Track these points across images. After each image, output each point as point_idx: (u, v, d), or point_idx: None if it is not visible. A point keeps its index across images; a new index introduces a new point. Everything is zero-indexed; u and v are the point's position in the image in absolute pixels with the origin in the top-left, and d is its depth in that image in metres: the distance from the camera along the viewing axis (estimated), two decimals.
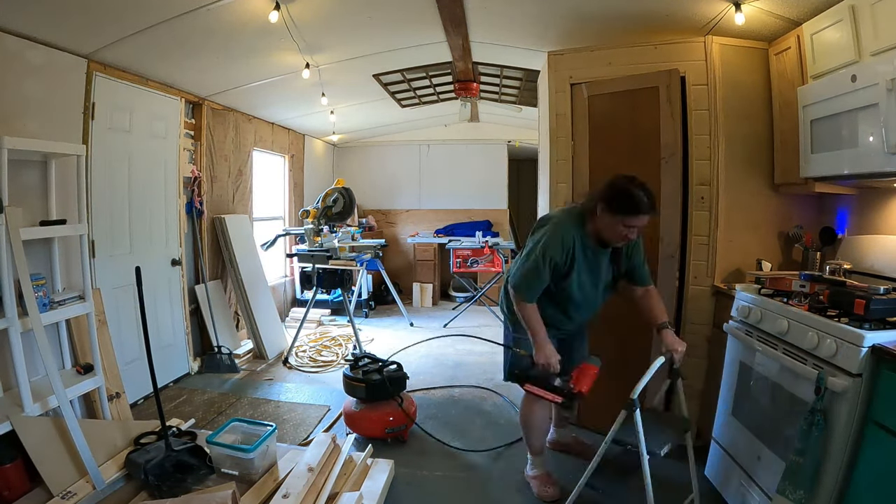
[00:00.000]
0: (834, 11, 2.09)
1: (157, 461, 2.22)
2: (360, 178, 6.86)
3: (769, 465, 1.89)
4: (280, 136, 5.48)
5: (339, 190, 4.57)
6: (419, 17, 3.02)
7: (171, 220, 3.66)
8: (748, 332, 2.14)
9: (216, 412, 3.19)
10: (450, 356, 4.36)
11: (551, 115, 2.98)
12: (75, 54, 2.74)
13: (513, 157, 7.14)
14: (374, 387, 2.79)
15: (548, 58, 3.00)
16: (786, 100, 2.46)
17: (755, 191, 2.64)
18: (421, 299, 6.33)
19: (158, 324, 3.49)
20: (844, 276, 2.10)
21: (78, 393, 2.49)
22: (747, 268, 2.61)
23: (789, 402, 1.85)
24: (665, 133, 2.60)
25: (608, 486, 2.28)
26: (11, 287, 2.15)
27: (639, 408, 1.81)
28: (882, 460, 1.51)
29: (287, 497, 2.02)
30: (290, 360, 4.21)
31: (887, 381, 1.51)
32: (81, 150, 2.56)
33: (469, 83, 4.51)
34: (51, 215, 2.56)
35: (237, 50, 3.22)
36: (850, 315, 1.69)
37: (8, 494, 2.07)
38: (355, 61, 3.75)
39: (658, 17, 2.66)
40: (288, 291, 5.80)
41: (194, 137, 3.99)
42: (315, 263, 4.39)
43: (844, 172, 2.05)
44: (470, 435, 2.91)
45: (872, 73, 1.81)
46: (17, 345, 2.16)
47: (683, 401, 2.05)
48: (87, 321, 2.58)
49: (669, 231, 2.61)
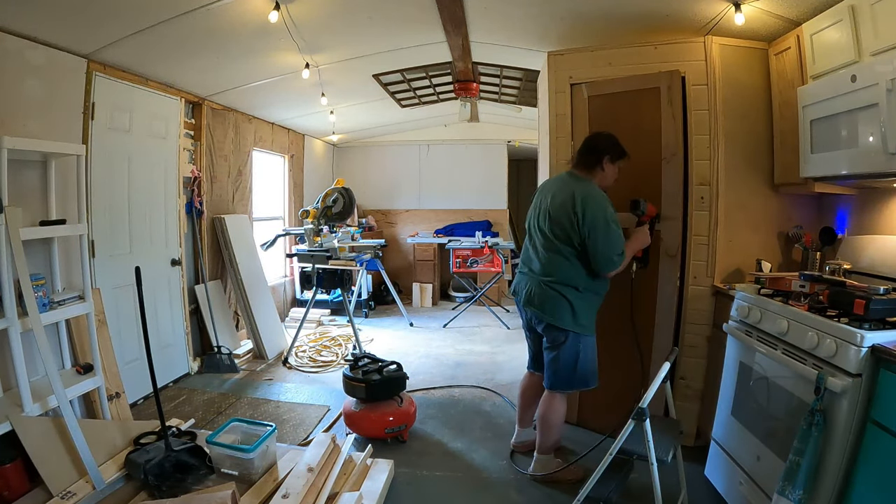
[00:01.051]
0: (834, 11, 2.09)
1: (157, 461, 2.22)
2: (360, 178, 6.86)
3: (769, 465, 1.89)
4: (280, 136, 5.48)
5: (339, 190, 4.57)
6: (419, 17, 3.03)
7: (170, 220, 3.66)
8: (748, 332, 2.14)
9: (216, 412, 3.19)
10: (450, 356, 4.36)
11: (551, 115, 2.98)
12: (75, 54, 2.74)
13: (513, 157, 7.15)
14: (373, 387, 2.80)
15: (548, 58, 3.00)
16: (786, 100, 2.46)
17: (755, 191, 2.64)
18: (421, 299, 6.33)
19: (158, 324, 3.49)
20: (844, 276, 2.10)
21: (78, 393, 2.49)
22: (747, 268, 2.61)
23: (789, 402, 1.85)
24: (666, 133, 2.60)
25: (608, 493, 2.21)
26: (11, 287, 2.15)
27: (648, 417, 1.75)
28: (882, 460, 1.51)
29: (287, 497, 2.02)
30: (290, 360, 4.21)
31: (887, 381, 1.51)
32: (81, 150, 2.56)
33: (469, 83, 4.51)
34: (51, 215, 2.56)
35: (237, 50, 3.22)
36: (850, 315, 1.69)
37: (8, 494, 2.07)
38: (355, 61, 3.75)
39: (658, 17, 2.67)
40: (288, 291, 5.80)
41: (194, 137, 3.99)
42: (315, 263, 4.39)
43: (844, 172, 2.05)
44: (470, 435, 2.91)
45: (872, 73, 1.82)
46: (17, 345, 2.16)
47: (672, 403, 2.10)
48: (86, 321, 2.58)
49: (670, 231, 2.61)
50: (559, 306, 2.26)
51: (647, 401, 1.76)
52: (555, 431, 2.42)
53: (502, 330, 5.19)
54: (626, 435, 1.79)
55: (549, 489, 2.37)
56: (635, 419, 1.76)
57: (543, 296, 2.30)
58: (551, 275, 2.29)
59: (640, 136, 2.68)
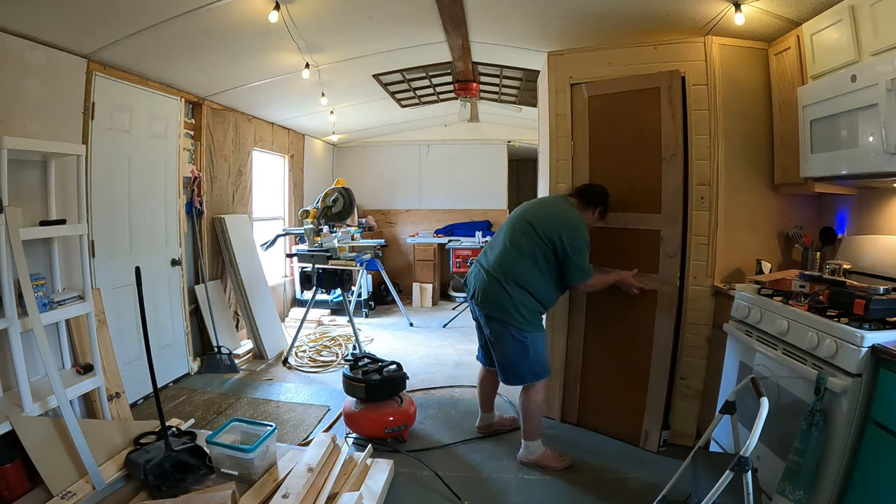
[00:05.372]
0: (834, 11, 2.09)
1: (157, 461, 2.21)
2: (359, 178, 6.86)
3: (769, 465, 1.89)
4: (280, 136, 5.48)
5: (339, 190, 4.57)
6: (419, 17, 3.02)
7: (170, 220, 3.66)
8: (748, 332, 2.14)
9: (216, 412, 3.19)
10: (450, 356, 4.36)
11: (551, 115, 2.98)
12: (75, 54, 2.74)
13: (513, 157, 7.14)
14: (373, 387, 2.79)
15: (548, 58, 3.00)
16: (785, 100, 2.46)
17: (755, 191, 2.64)
18: (421, 299, 6.33)
19: (158, 324, 3.49)
20: (844, 276, 2.10)
21: (78, 393, 2.49)
22: (747, 268, 2.61)
23: (789, 402, 1.85)
24: (666, 134, 2.60)
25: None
26: (11, 287, 2.15)
27: (751, 469, 1.47)
28: (882, 460, 1.51)
29: (287, 497, 2.02)
30: (290, 360, 4.20)
31: (887, 381, 1.51)
32: (81, 150, 2.56)
33: (469, 83, 4.51)
34: (51, 215, 2.56)
35: (237, 50, 3.22)
36: (850, 315, 1.69)
37: (8, 494, 2.07)
38: (355, 61, 3.75)
39: (658, 17, 2.66)
40: (288, 291, 5.80)
41: (194, 137, 3.99)
42: (315, 263, 4.39)
43: (844, 172, 2.05)
44: (470, 435, 2.91)
45: (872, 74, 1.82)
46: (17, 345, 2.16)
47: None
48: (86, 321, 2.58)
49: (670, 231, 2.61)
50: (503, 302, 2.39)
51: (750, 449, 1.46)
52: (536, 419, 2.53)
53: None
54: (722, 487, 1.49)
55: (549, 489, 2.37)
56: (735, 470, 1.47)
57: (490, 291, 2.43)
58: (505, 270, 2.41)
59: (640, 136, 2.68)
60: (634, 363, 2.70)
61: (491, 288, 2.42)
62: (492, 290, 2.42)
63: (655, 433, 2.66)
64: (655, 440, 2.66)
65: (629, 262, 2.68)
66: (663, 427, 2.67)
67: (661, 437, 2.67)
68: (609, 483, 2.41)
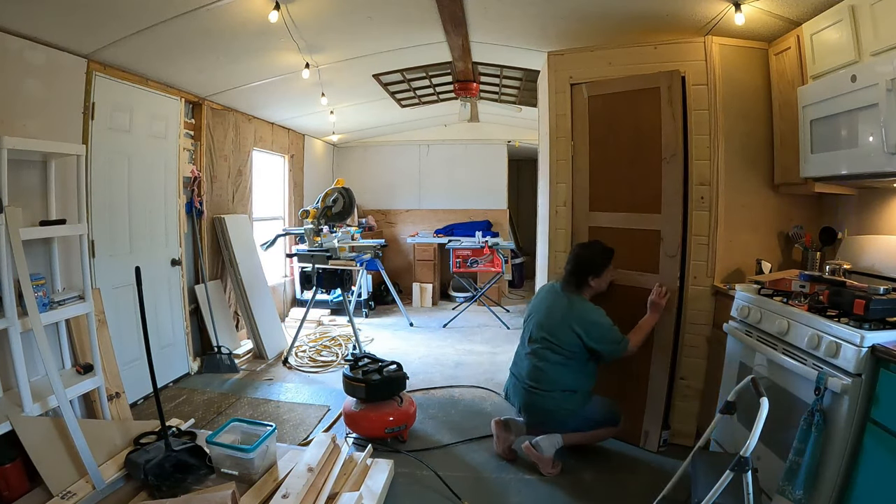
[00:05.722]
0: (834, 11, 2.09)
1: (157, 461, 2.21)
2: (359, 178, 6.86)
3: (769, 466, 1.89)
4: (280, 136, 5.48)
5: (339, 190, 4.57)
6: (419, 17, 3.02)
7: (170, 220, 3.66)
8: (748, 332, 2.14)
9: (216, 412, 3.19)
10: (450, 356, 4.36)
11: (551, 115, 2.98)
12: (75, 54, 2.74)
13: (513, 157, 7.15)
14: (373, 387, 2.79)
15: (548, 58, 3.00)
16: (786, 100, 2.46)
17: (755, 191, 2.64)
18: (421, 299, 6.33)
19: (158, 324, 3.49)
20: (844, 276, 2.10)
21: (78, 393, 2.49)
22: (747, 268, 2.61)
23: (789, 402, 1.85)
24: (666, 134, 2.60)
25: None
26: (11, 287, 2.15)
27: (751, 469, 1.47)
28: (882, 460, 1.51)
29: (287, 497, 2.02)
30: (290, 360, 4.20)
31: (887, 382, 1.51)
32: (81, 150, 2.56)
33: (469, 83, 4.51)
34: (51, 215, 2.56)
35: (237, 50, 3.22)
36: (850, 315, 1.69)
37: (8, 494, 2.07)
38: (355, 61, 3.75)
39: (658, 17, 2.66)
40: (288, 291, 5.80)
41: (194, 137, 3.99)
42: (315, 263, 4.39)
43: (844, 172, 2.06)
44: (470, 435, 2.91)
45: (872, 74, 1.82)
46: (17, 345, 2.16)
47: None
48: (86, 321, 2.58)
49: (670, 231, 2.61)
50: (552, 410, 2.45)
51: (749, 449, 1.46)
52: (586, 438, 2.56)
53: (502, 330, 5.19)
54: (722, 487, 1.49)
55: (549, 489, 2.37)
56: (735, 470, 1.47)
57: (537, 404, 2.49)
58: (541, 384, 2.47)
59: (640, 136, 2.68)
60: (634, 363, 2.70)
61: (537, 401, 2.48)
62: (539, 402, 2.48)
63: (655, 433, 2.66)
64: (655, 440, 2.66)
65: (629, 262, 2.69)
66: (663, 427, 2.68)
67: (661, 437, 2.68)
68: (609, 483, 2.41)
